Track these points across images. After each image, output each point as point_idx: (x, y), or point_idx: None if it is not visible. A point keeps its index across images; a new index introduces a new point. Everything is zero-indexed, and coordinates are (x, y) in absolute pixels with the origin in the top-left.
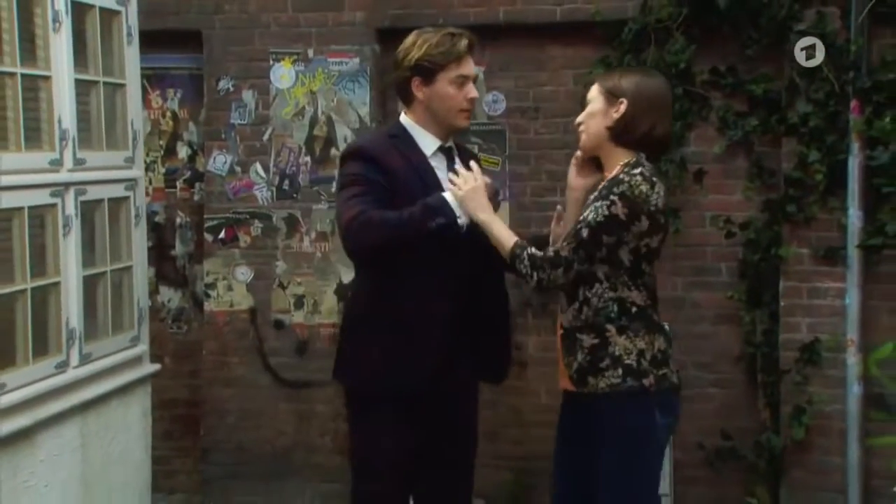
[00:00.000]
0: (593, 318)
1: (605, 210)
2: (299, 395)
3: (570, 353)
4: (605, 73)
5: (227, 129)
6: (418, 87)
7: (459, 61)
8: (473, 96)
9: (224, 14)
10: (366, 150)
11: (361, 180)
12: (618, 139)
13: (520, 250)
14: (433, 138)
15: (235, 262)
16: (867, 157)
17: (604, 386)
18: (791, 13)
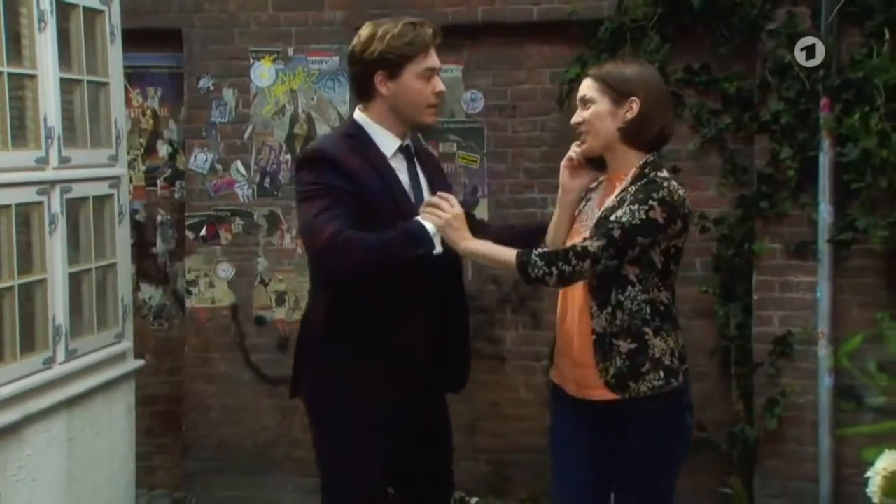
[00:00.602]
0: (629, 321)
1: (642, 214)
2: (281, 391)
3: (605, 358)
4: (600, 68)
5: (207, 128)
6: (382, 83)
7: (427, 52)
8: (441, 90)
9: (204, 13)
10: (325, 154)
11: (327, 190)
12: (630, 140)
13: (526, 256)
14: (393, 137)
15: (217, 259)
16: (837, 154)
17: (646, 389)
18: (762, 13)
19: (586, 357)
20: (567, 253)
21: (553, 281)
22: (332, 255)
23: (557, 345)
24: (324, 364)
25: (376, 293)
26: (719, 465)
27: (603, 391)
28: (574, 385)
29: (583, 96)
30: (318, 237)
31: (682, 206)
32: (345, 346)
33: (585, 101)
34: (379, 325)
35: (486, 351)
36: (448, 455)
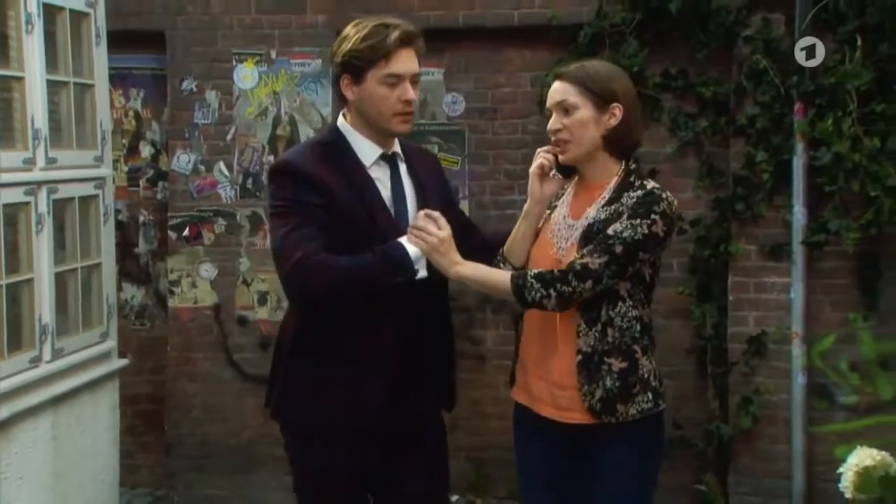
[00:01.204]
0: (620, 339)
1: (644, 228)
2: (262, 390)
3: (590, 380)
4: (572, 70)
5: (190, 129)
6: (348, 87)
7: (388, 57)
8: (409, 98)
9: (187, 15)
10: (293, 166)
11: (296, 207)
12: (612, 148)
13: (521, 279)
14: (373, 145)
15: (199, 259)
16: (811, 158)
17: (634, 412)
18: (738, 19)
19: (568, 379)
20: (566, 274)
21: (552, 304)
22: (301, 280)
23: (526, 363)
24: (290, 375)
25: (346, 308)
26: (695, 463)
27: (583, 415)
28: (552, 407)
29: (562, 101)
30: (287, 259)
31: (677, 218)
32: (311, 358)
33: (566, 107)
34: (346, 338)
35: (466, 350)
36: (438, 481)
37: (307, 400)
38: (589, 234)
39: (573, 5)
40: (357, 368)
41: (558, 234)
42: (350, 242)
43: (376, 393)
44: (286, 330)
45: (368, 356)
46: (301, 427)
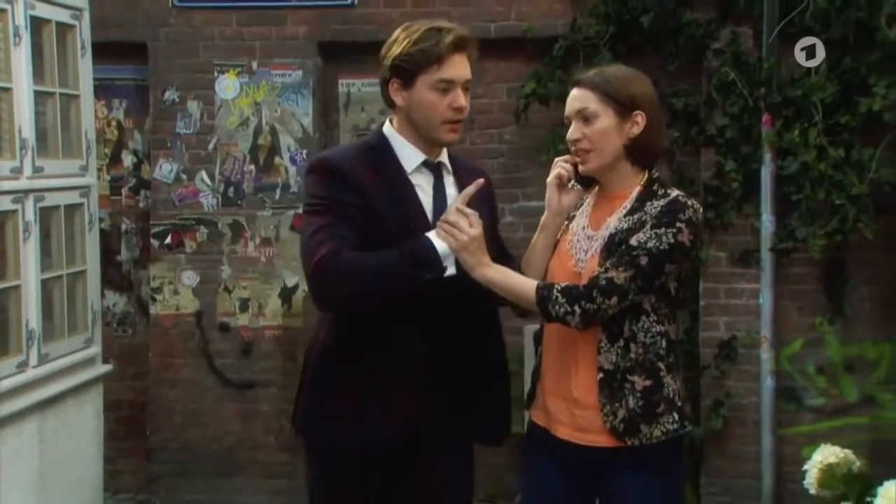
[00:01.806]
0: (644, 355)
1: (670, 238)
2: (244, 395)
3: (612, 399)
4: (592, 77)
5: (172, 138)
6: (397, 92)
7: (441, 62)
8: (460, 105)
9: (169, 27)
10: (330, 164)
11: (329, 205)
12: (634, 157)
13: (547, 291)
14: (416, 151)
15: (181, 266)
16: (778, 167)
17: (659, 434)
18: (708, 33)
19: (589, 397)
20: (591, 289)
21: (575, 321)
22: (324, 278)
23: (544, 381)
24: (316, 390)
25: (374, 315)
26: None
27: (604, 437)
28: (570, 428)
29: (583, 109)
30: (311, 257)
31: (702, 227)
32: (336, 373)
33: (587, 115)
34: (375, 352)
35: None
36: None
37: (325, 417)
38: (611, 246)
39: (548, 18)
40: (386, 383)
41: (577, 245)
42: (382, 246)
43: (397, 413)
44: (314, 344)
45: (398, 372)
46: (316, 444)
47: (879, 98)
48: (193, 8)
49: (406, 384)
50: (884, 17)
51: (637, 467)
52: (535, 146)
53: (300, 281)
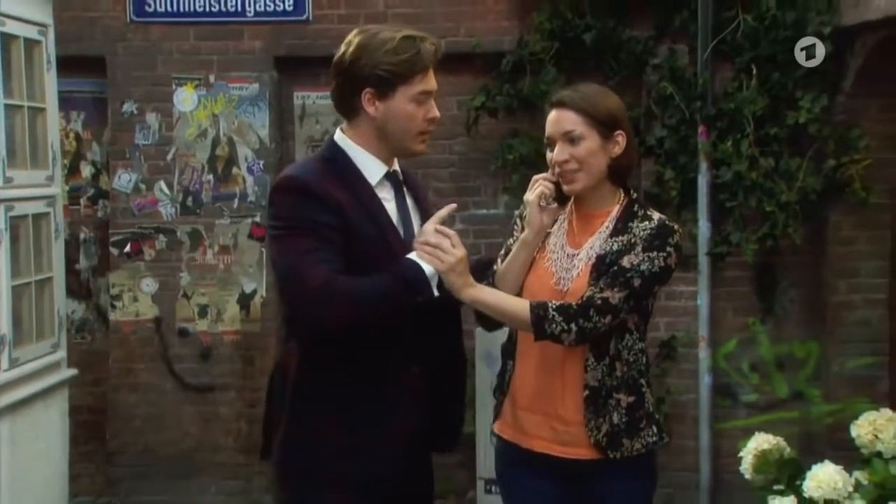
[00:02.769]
0: (628, 373)
1: (661, 262)
2: (204, 399)
3: (598, 415)
4: (575, 99)
5: (131, 149)
6: (370, 102)
7: (425, 73)
8: (435, 115)
9: (127, 42)
10: (303, 184)
11: (311, 228)
12: (615, 176)
13: (542, 311)
14: (378, 163)
15: (141, 274)
16: (714, 176)
17: (640, 447)
18: (646, 49)
19: (573, 413)
20: (587, 308)
21: (571, 339)
22: (322, 306)
23: (516, 397)
24: (298, 423)
25: (362, 345)
26: None
27: (588, 450)
28: (551, 442)
29: (569, 132)
30: (305, 284)
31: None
32: (323, 402)
33: (573, 137)
34: (365, 378)
35: None
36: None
37: (315, 450)
38: (600, 267)
39: (496, 35)
40: (383, 409)
41: (557, 263)
42: (361, 266)
43: (395, 439)
44: (284, 370)
45: (385, 398)
46: (304, 481)
47: (805, 111)
48: (151, 23)
49: (404, 408)
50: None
51: (617, 478)
52: (484, 157)
53: (258, 287)
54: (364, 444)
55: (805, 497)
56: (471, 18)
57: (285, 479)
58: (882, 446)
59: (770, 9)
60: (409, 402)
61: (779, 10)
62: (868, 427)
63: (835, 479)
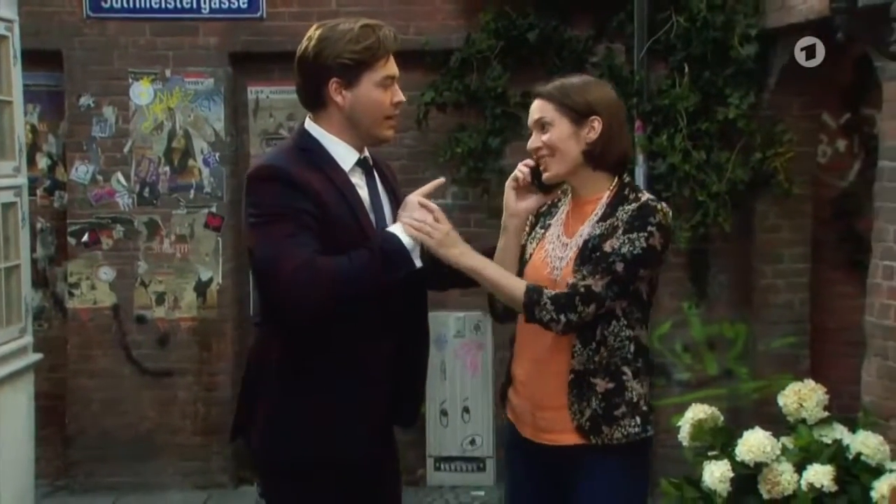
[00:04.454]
0: (609, 359)
1: (642, 242)
2: (161, 383)
3: (580, 399)
4: (549, 88)
5: (88, 142)
6: (337, 90)
7: (387, 59)
8: (401, 100)
9: (83, 36)
10: (284, 173)
11: (289, 213)
12: (595, 162)
13: (537, 295)
14: (351, 150)
15: (98, 263)
16: (650, 168)
17: (619, 436)
18: (586, 48)
19: (556, 398)
20: (573, 298)
21: (559, 328)
22: (302, 288)
23: (515, 383)
24: (282, 408)
25: (338, 323)
26: None
27: (572, 435)
28: (531, 429)
29: (539, 119)
30: (283, 267)
31: (672, 231)
32: (307, 384)
33: (543, 124)
34: (344, 358)
35: None
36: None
37: (299, 432)
38: (584, 252)
39: (444, 33)
40: (354, 390)
41: (552, 253)
42: (336, 252)
43: (374, 416)
44: (263, 357)
45: (364, 375)
46: (289, 463)
47: (734, 107)
48: (107, 18)
49: (376, 384)
50: (737, 38)
51: (600, 466)
52: (433, 150)
53: (214, 275)
54: (344, 422)
55: (737, 461)
56: (420, 18)
57: (268, 464)
58: (806, 413)
59: (701, 11)
60: (380, 378)
61: (709, 12)
62: (794, 396)
63: (764, 444)
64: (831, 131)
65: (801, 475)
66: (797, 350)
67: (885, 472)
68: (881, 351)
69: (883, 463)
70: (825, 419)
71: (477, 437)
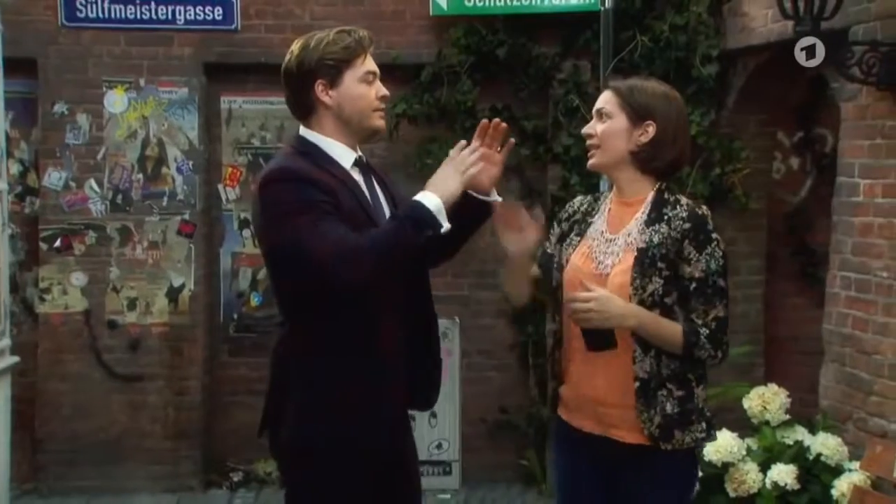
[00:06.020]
0: (678, 367)
1: (719, 251)
2: (132, 388)
3: (649, 406)
4: (620, 83)
5: (61, 148)
6: (324, 91)
7: (365, 56)
8: (385, 93)
9: (58, 45)
10: (292, 171)
11: (310, 205)
12: (641, 165)
13: (695, 337)
14: (347, 149)
15: (70, 268)
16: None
17: (689, 441)
18: (553, 65)
19: (619, 396)
20: (717, 334)
21: (718, 361)
22: (342, 265)
23: (568, 383)
24: (312, 400)
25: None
26: (518, 442)
27: (639, 436)
28: (593, 423)
29: (600, 108)
30: (319, 251)
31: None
32: (332, 375)
33: (602, 113)
34: (358, 342)
35: None
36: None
37: (331, 424)
38: (644, 260)
39: (415, 48)
40: (372, 373)
41: (597, 248)
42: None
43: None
44: (293, 350)
45: (381, 359)
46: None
47: (695, 124)
48: (82, 28)
49: (393, 366)
50: (698, 58)
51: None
52: (404, 160)
53: (186, 281)
54: (368, 409)
55: (705, 461)
56: (391, 32)
57: (299, 456)
58: (769, 416)
59: (664, 32)
60: (399, 363)
61: (672, 33)
62: (758, 399)
63: (731, 445)
64: (785, 149)
65: (765, 474)
66: (752, 359)
67: (844, 472)
68: (838, 357)
69: (842, 463)
70: (787, 422)
71: (444, 441)
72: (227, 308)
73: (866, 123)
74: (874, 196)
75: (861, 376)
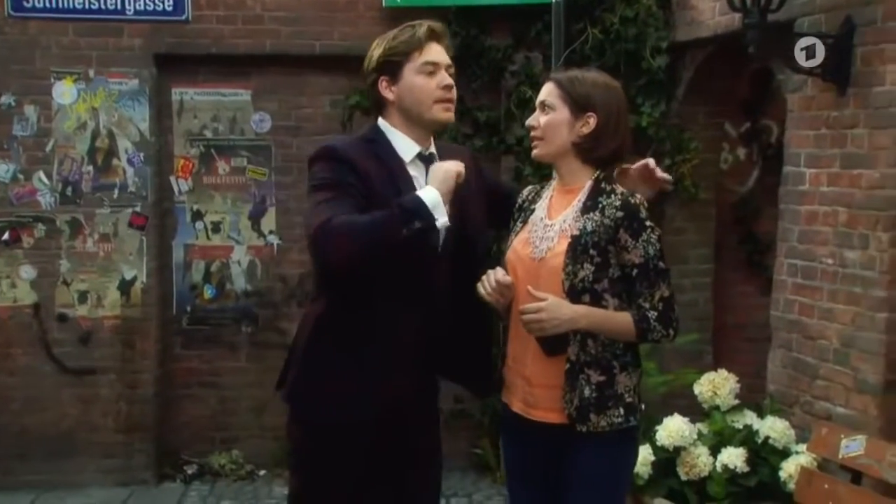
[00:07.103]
0: (602, 353)
1: (654, 236)
2: (83, 381)
3: (572, 388)
4: (561, 75)
5: (9, 140)
6: (386, 88)
7: (422, 48)
8: (449, 83)
9: (4, 35)
10: (336, 151)
11: (331, 183)
12: (583, 155)
13: (645, 323)
14: (412, 143)
15: (19, 261)
16: None
17: (604, 424)
18: (505, 56)
19: (547, 377)
20: (666, 312)
21: (671, 339)
22: (321, 242)
23: (508, 361)
24: (308, 363)
25: (373, 288)
26: (473, 431)
27: (560, 415)
28: (521, 404)
29: (543, 101)
30: (312, 227)
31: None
32: (332, 343)
33: (545, 105)
34: (372, 322)
35: (274, 340)
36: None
37: (321, 386)
38: (576, 247)
39: (368, 39)
40: (378, 355)
41: (535, 234)
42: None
43: (397, 382)
44: (307, 318)
45: (391, 344)
46: (310, 414)
47: (646, 116)
48: (29, 18)
49: (406, 363)
50: (648, 50)
51: (587, 455)
52: None
53: (138, 274)
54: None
55: (658, 445)
56: (343, 24)
57: (293, 412)
58: (719, 401)
59: (614, 24)
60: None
61: (622, 25)
62: (709, 385)
63: (682, 429)
64: (732, 140)
65: (715, 458)
66: (701, 346)
67: (792, 454)
68: (785, 343)
69: (789, 446)
70: (736, 406)
71: None
72: (179, 301)
73: (812, 114)
74: (819, 185)
75: (807, 361)
